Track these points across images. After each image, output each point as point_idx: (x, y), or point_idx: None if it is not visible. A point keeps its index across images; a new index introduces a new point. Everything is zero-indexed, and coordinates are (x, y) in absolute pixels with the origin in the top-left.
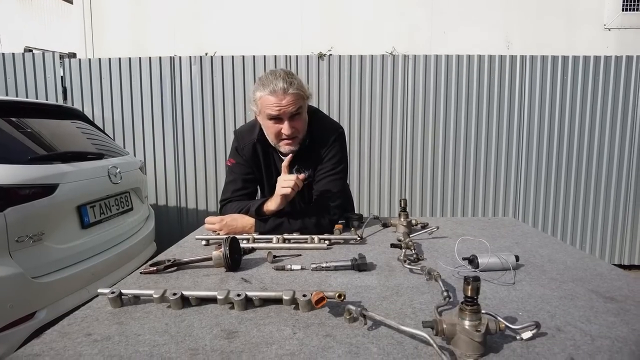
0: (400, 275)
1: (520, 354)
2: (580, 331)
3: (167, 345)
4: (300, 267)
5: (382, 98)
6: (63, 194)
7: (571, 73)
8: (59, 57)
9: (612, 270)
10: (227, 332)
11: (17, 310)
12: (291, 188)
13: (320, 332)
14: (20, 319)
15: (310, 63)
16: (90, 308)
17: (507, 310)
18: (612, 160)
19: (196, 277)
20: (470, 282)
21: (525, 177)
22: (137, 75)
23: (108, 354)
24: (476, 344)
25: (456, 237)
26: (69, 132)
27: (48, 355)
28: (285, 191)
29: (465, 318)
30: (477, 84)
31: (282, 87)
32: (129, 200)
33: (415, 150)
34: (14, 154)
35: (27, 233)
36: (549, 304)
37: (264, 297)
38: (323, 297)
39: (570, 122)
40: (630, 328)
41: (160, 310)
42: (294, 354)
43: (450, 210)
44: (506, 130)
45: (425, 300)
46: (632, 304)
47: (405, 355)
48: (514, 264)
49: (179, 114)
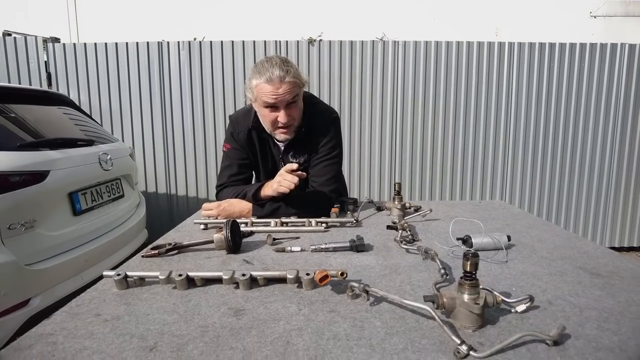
0: (397, 255)
1: (515, 325)
2: (570, 304)
3: (177, 323)
4: (300, 248)
5: (372, 84)
6: (54, 181)
7: (558, 60)
8: (42, 41)
9: (598, 249)
10: (234, 310)
11: (12, 297)
12: (289, 189)
13: (325, 308)
14: (14, 306)
15: (300, 48)
16: (96, 290)
17: (501, 287)
18: (595, 145)
19: (198, 259)
20: (469, 257)
21: (512, 162)
22: (124, 60)
23: (120, 332)
24: (475, 316)
25: (448, 219)
26: (56, 118)
27: (61, 334)
28: (282, 190)
29: (464, 292)
30: (466, 70)
31: (279, 75)
32: (119, 187)
33: (405, 135)
34: (2, 141)
35: (19, 220)
36: (540, 280)
37: (268, 276)
38: (327, 275)
39: (557, 108)
40: (616, 300)
41: (166, 291)
42: (301, 329)
43: (440, 194)
44: (494, 115)
45: (423, 277)
46: (616, 279)
47: (407, 329)
48: (506, 243)
49: (167, 99)
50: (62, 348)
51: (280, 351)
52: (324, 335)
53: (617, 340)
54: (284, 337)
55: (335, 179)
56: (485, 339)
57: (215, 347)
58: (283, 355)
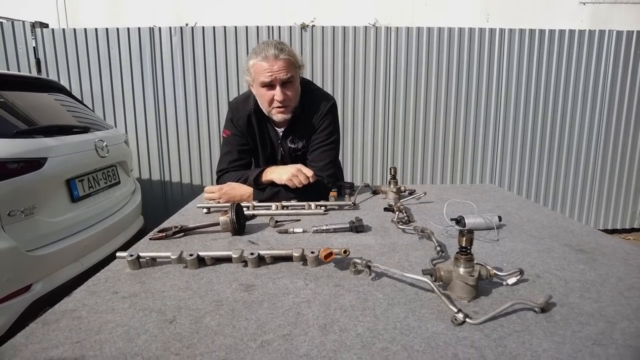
0: (394, 235)
1: (507, 296)
2: (556, 277)
3: (192, 299)
4: (302, 230)
5: (365, 69)
6: (52, 167)
7: (547, 46)
8: (30, 26)
9: (583, 228)
10: (245, 285)
11: (14, 283)
12: (297, 185)
13: (330, 283)
14: (17, 291)
15: (293, 34)
16: (110, 270)
17: (493, 263)
18: (582, 131)
19: (204, 241)
20: (465, 234)
21: (502, 147)
22: (115, 46)
23: (139, 308)
24: (470, 288)
25: (442, 201)
26: (49, 105)
27: (84, 309)
28: (291, 183)
29: (460, 266)
30: (457, 55)
31: (274, 53)
32: (116, 174)
33: (397, 120)
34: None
35: (18, 207)
36: (529, 256)
37: (275, 254)
38: (331, 252)
39: (545, 93)
40: (597, 273)
41: (178, 271)
42: (310, 301)
43: (431, 178)
44: (484, 100)
45: (420, 255)
46: (599, 254)
47: (407, 300)
48: (497, 223)
49: (160, 86)
50: (87, 322)
51: (292, 321)
52: (330, 307)
53: (597, 307)
54: (294, 308)
55: (333, 164)
56: (479, 308)
57: (231, 318)
58: (295, 324)
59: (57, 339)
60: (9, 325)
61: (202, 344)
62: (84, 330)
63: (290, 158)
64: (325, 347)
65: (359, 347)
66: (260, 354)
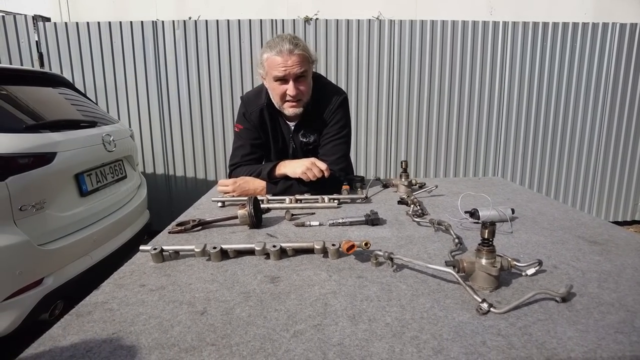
0: (410, 227)
1: (527, 286)
2: (573, 268)
3: (220, 291)
4: (318, 223)
5: (369, 63)
6: (61, 162)
7: (551, 39)
8: (32, 20)
9: (594, 220)
10: (270, 277)
11: (26, 276)
12: (311, 178)
13: (353, 275)
14: (29, 285)
15: (297, 27)
16: (134, 264)
17: (509, 254)
18: (585, 124)
19: (223, 234)
20: (487, 226)
21: (505, 140)
22: (118, 40)
23: (168, 300)
24: (492, 279)
25: (452, 194)
26: (55, 99)
27: (114, 302)
28: (305, 176)
29: (482, 257)
30: (461, 48)
31: (288, 48)
32: (122, 168)
33: (401, 114)
34: (8, 123)
35: (29, 202)
36: (544, 247)
37: (296, 247)
38: (353, 245)
39: (549, 86)
40: (613, 264)
41: (202, 263)
42: (335, 292)
43: (434, 171)
44: (488, 94)
45: (437, 247)
46: (612, 246)
47: (431, 291)
48: (511, 215)
49: (163, 80)
50: (120, 314)
51: (321, 311)
52: (357, 298)
53: (616, 297)
54: (321, 299)
55: (344, 158)
56: (501, 298)
57: (261, 309)
58: (324, 315)
59: (94, 331)
60: (22, 318)
61: (236, 334)
62: (118, 322)
63: (302, 152)
64: (357, 336)
65: (390, 336)
66: (295, 343)
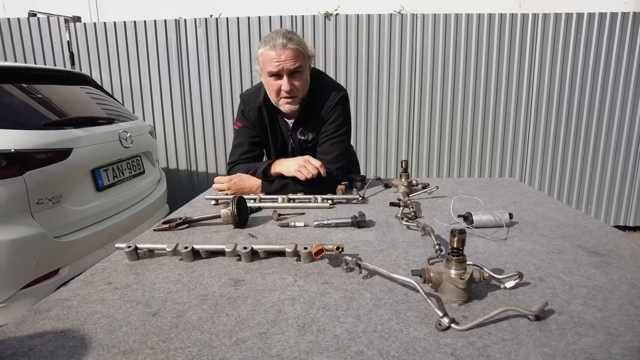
0: (397, 231)
1: (501, 300)
2: (561, 281)
3: (180, 292)
4: (303, 224)
5: (390, 59)
6: (77, 158)
7: (585, 31)
8: (64, 21)
9: (602, 228)
10: (234, 280)
11: (42, 267)
12: (306, 177)
13: (319, 280)
14: (45, 275)
15: (317, 23)
16: (109, 261)
17: (496, 263)
18: (622, 124)
19: (206, 233)
20: (456, 234)
21: (533, 140)
22: (142, 39)
23: (127, 299)
24: (460, 291)
25: (454, 196)
26: (78, 97)
27: (75, 299)
28: (299, 175)
29: (451, 267)
30: (486, 44)
31: (282, 42)
32: (140, 164)
33: (423, 111)
34: (28, 120)
35: (46, 196)
36: (536, 257)
37: (268, 249)
38: (322, 249)
39: (582, 83)
40: (608, 278)
41: (173, 263)
42: (294, 299)
43: (458, 171)
44: (515, 91)
45: (419, 253)
46: (614, 257)
47: (396, 301)
48: (507, 221)
49: (185, 77)
50: (76, 312)
51: (272, 319)
52: (314, 305)
53: (601, 317)
54: (277, 305)
55: (342, 157)
56: (469, 313)
57: (212, 314)
58: (274, 323)
59: (44, 328)
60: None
61: (179, 338)
62: (71, 320)
63: (301, 150)
64: (299, 347)
65: (333, 350)
66: (232, 351)
